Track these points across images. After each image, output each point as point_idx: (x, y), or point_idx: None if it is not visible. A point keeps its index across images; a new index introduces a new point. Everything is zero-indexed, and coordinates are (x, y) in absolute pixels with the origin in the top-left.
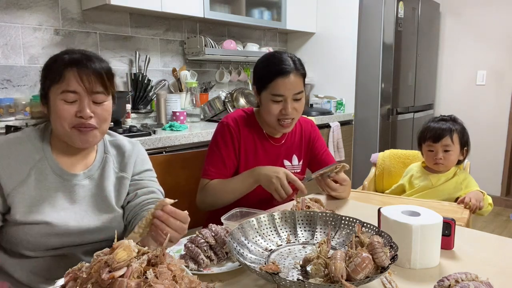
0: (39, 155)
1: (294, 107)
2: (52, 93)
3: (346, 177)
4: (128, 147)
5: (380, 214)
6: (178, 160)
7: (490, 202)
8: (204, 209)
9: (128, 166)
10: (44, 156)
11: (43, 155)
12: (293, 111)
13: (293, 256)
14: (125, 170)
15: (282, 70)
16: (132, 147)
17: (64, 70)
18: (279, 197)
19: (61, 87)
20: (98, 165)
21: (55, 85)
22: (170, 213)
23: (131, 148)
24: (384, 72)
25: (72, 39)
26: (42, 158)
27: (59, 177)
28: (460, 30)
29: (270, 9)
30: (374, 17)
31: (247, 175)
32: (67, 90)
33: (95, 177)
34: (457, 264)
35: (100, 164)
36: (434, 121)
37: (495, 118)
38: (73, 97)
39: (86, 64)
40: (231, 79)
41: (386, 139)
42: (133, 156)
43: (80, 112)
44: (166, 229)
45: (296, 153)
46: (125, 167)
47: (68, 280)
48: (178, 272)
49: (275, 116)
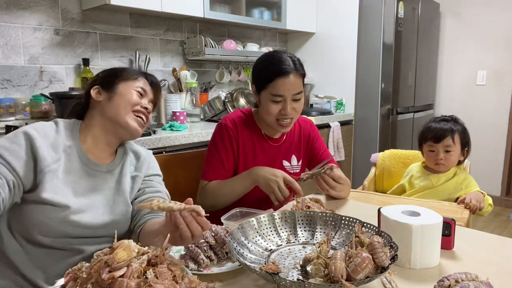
0: (69, 142)
1: (293, 107)
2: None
3: (342, 175)
4: (143, 153)
5: (380, 214)
6: (178, 160)
7: (490, 203)
8: None
9: (143, 167)
10: (73, 144)
11: (72, 143)
12: (292, 111)
13: (293, 256)
14: (139, 170)
15: (282, 70)
16: (146, 154)
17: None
18: (275, 200)
19: (136, 82)
20: (118, 163)
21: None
22: (196, 217)
23: (146, 154)
24: (384, 72)
25: (72, 39)
26: (72, 146)
27: (84, 165)
28: (460, 30)
29: (270, 9)
30: (374, 17)
31: (245, 176)
32: (140, 86)
33: (116, 172)
34: (457, 264)
35: (120, 162)
36: (435, 121)
37: (495, 118)
38: (141, 91)
39: (153, 79)
40: (231, 79)
41: (386, 139)
42: (146, 160)
43: (139, 104)
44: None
45: (295, 153)
46: (140, 168)
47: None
48: (178, 272)
49: (275, 116)
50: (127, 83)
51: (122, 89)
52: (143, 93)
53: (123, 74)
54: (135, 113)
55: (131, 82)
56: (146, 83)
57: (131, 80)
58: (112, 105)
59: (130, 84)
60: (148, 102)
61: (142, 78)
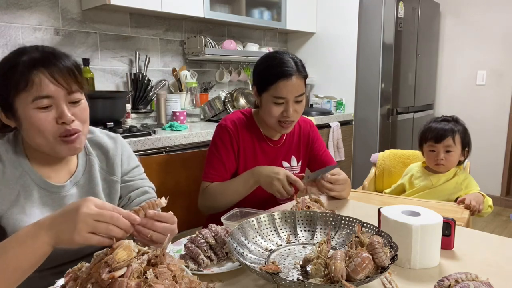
0: (18, 171)
1: (295, 109)
2: (20, 103)
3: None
4: (111, 145)
5: (380, 214)
6: (178, 160)
7: (490, 204)
8: (206, 212)
9: (115, 167)
10: (24, 171)
11: (22, 170)
12: (294, 113)
13: (293, 256)
14: (113, 172)
15: (284, 72)
16: (114, 144)
17: (29, 74)
18: (280, 196)
19: (30, 94)
20: (83, 169)
21: (22, 93)
22: (153, 217)
23: (114, 146)
24: (384, 72)
25: (72, 39)
26: (23, 174)
27: (44, 191)
28: (460, 30)
29: (270, 9)
30: (374, 17)
31: (247, 176)
32: (39, 96)
33: (82, 183)
34: (457, 264)
35: (84, 168)
36: (436, 121)
37: (495, 118)
38: (47, 102)
39: (55, 62)
40: (231, 79)
41: (386, 139)
42: (117, 154)
43: (61, 118)
44: (150, 233)
45: (295, 154)
46: (113, 169)
47: (68, 280)
48: (178, 272)
49: (276, 118)
50: (22, 100)
51: (22, 110)
52: (51, 102)
53: (11, 82)
54: (61, 138)
55: (26, 94)
56: (52, 79)
57: (24, 93)
58: (26, 134)
59: (25, 102)
60: (68, 104)
61: (41, 74)
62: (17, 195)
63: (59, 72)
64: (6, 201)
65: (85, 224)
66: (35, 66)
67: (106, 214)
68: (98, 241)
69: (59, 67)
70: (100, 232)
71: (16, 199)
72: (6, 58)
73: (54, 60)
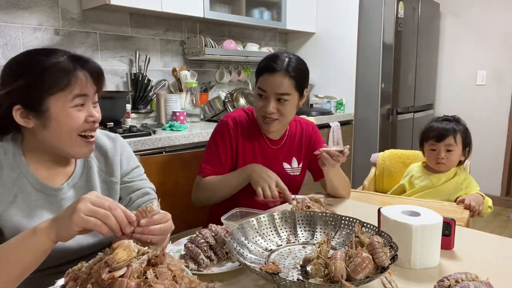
0: (16, 173)
1: (277, 107)
2: (56, 102)
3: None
4: (110, 146)
5: (380, 214)
6: (178, 160)
7: (490, 205)
8: (199, 205)
9: (115, 168)
10: (21, 173)
11: (20, 172)
12: (276, 111)
13: (293, 256)
14: (112, 173)
15: (271, 66)
16: (113, 144)
17: (74, 72)
18: (261, 196)
19: (71, 92)
20: (81, 171)
21: (61, 92)
22: (147, 224)
23: (113, 147)
24: (384, 72)
25: (72, 39)
26: (20, 176)
27: (41, 193)
28: (460, 30)
29: (270, 9)
30: (374, 17)
31: (240, 171)
32: (80, 94)
33: (80, 185)
34: (457, 264)
35: (82, 170)
36: (438, 121)
37: (495, 118)
38: (83, 100)
39: (92, 64)
40: (231, 79)
41: (386, 139)
42: (117, 155)
43: (91, 117)
44: (149, 238)
45: (295, 155)
46: (112, 170)
47: (68, 280)
48: (178, 272)
49: (258, 112)
50: (59, 99)
51: (57, 111)
52: (85, 101)
53: (49, 83)
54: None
55: (64, 96)
56: (82, 79)
57: (62, 92)
58: (50, 133)
59: (63, 100)
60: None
61: (82, 74)
62: (14, 197)
63: (96, 72)
64: (3, 202)
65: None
66: (77, 65)
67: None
68: (94, 223)
69: (96, 68)
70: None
71: (13, 200)
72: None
73: (88, 60)
